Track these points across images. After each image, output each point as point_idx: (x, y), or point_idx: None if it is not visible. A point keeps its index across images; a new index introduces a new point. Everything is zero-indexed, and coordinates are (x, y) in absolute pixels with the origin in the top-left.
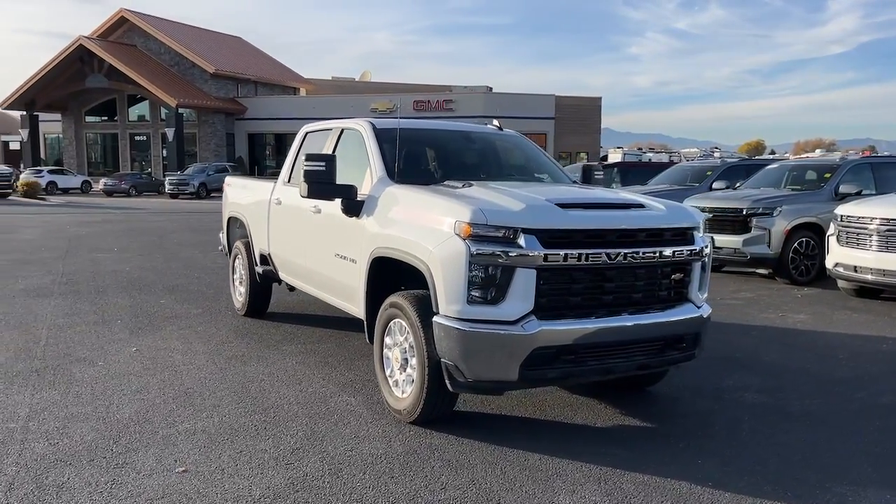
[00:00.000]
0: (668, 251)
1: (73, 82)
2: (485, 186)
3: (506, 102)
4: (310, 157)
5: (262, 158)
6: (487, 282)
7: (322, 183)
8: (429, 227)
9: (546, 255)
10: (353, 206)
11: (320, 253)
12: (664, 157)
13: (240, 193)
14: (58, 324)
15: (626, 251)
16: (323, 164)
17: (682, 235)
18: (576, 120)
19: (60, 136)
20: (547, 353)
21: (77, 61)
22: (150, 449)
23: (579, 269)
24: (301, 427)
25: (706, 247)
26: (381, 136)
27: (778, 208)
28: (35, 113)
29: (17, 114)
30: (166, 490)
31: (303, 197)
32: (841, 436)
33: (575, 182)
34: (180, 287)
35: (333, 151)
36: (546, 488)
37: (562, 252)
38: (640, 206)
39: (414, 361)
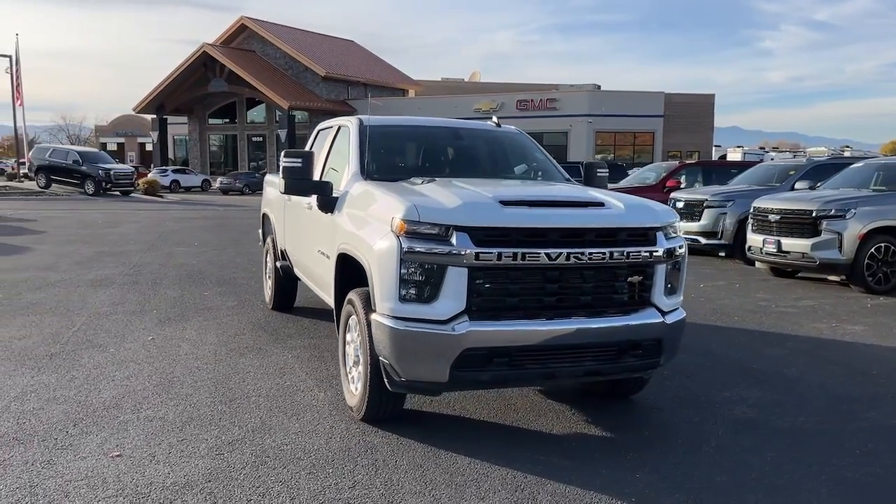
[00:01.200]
0: (621, 252)
1: (198, 87)
2: (445, 183)
3: (611, 100)
4: (288, 154)
5: None
6: (420, 280)
7: (298, 179)
8: (374, 223)
9: (477, 254)
10: (328, 203)
11: (309, 248)
12: (789, 157)
13: (269, 191)
14: (99, 312)
15: (569, 251)
16: (300, 160)
17: (642, 236)
18: (687, 118)
19: (187, 137)
20: (478, 354)
21: (201, 67)
22: (101, 433)
23: (517, 269)
24: (254, 419)
25: (675, 248)
26: (365, 132)
27: (852, 210)
28: (164, 116)
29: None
30: (89, 473)
31: (281, 193)
32: (815, 457)
33: (569, 180)
34: (232, 281)
35: (330, 148)
36: (455, 493)
37: (495, 251)
38: (600, 204)
39: (362, 359)
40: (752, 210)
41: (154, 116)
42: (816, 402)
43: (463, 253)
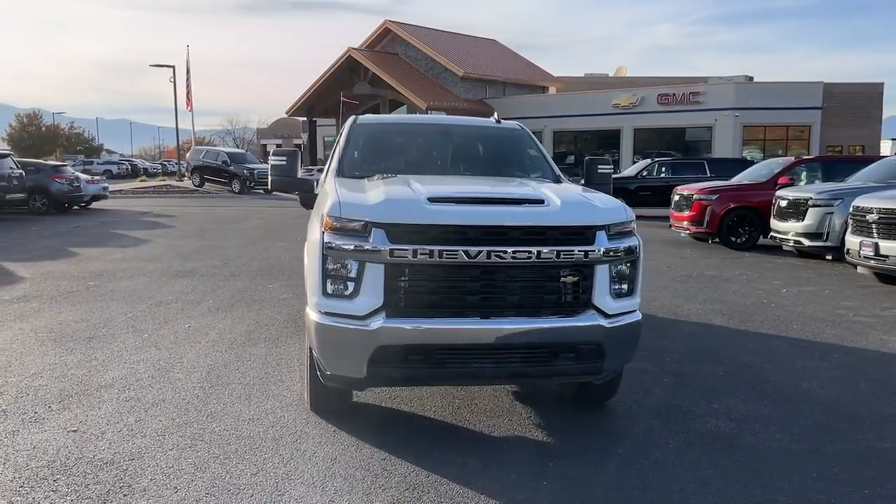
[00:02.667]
0: (550, 251)
1: (343, 90)
2: (396, 181)
3: (762, 92)
4: (276, 153)
5: None
6: (341, 275)
7: (282, 176)
8: (316, 220)
9: (392, 251)
10: (308, 199)
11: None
12: None
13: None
14: (162, 300)
15: (490, 249)
16: (285, 158)
17: (577, 235)
18: (850, 110)
19: (334, 138)
20: (393, 351)
21: (347, 70)
22: (76, 410)
23: (436, 267)
24: (217, 405)
25: (620, 248)
26: (356, 130)
27: None
28: (314, 118)
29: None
30: (38, 444)
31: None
32: (757, 479)
33: (559, 178)
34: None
35: (336, 146)
36: (344, 486)
37: (410, 248)
38: (538, 202)
39: (305, 352)
40: (851, 209)
41: (305, 119)
42: (811, 419)
43: (379, 249)
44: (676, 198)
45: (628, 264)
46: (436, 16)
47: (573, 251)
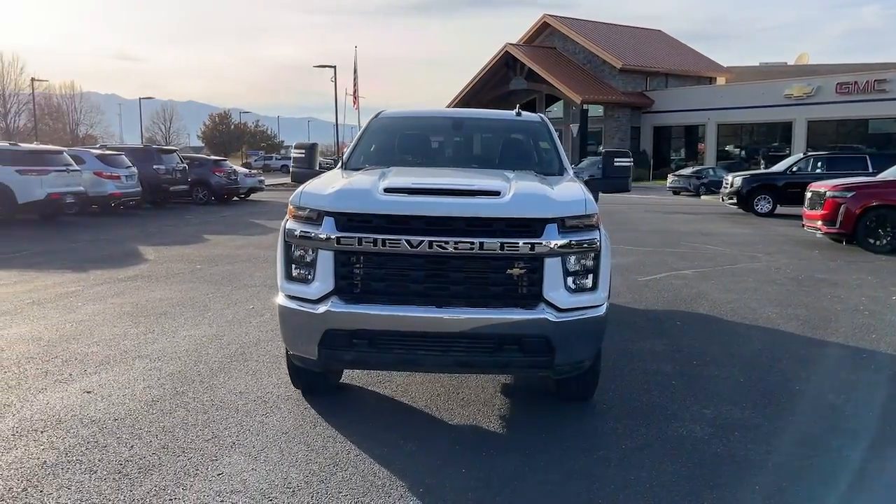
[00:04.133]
0: (493, 243)
1: (500, 86)
2: (378, 173)
3: None
4: (297, 146)
5: (666, 151)
6: (299, 261)
7: (302, 168)
8: None
9: (339, 238)
10: None
11: None
12: None
13: None
14: (247, 284)
15: (432, 239)
16: (304, 151)
17: (524, 228)
18: None
19: None
20: (340, 335)
21: (503, 66)
22: (103, 375)
23: (382, 255)
24: (221, 379)
25: (572, 242)
26: (374, 123)
27: None
28: None
29: None
30: (52, 402)
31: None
32: (696, 485)
33: (564, 172)
34: None
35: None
36: (272, 458)
37: (356, 236)
38: (494, 193)
39: None
40: None
41: None
42: (802, 432)
43: (328, 237)
44: (809, 195)
45: (587, 259)
46: (603, 9)
47: (518, 244)
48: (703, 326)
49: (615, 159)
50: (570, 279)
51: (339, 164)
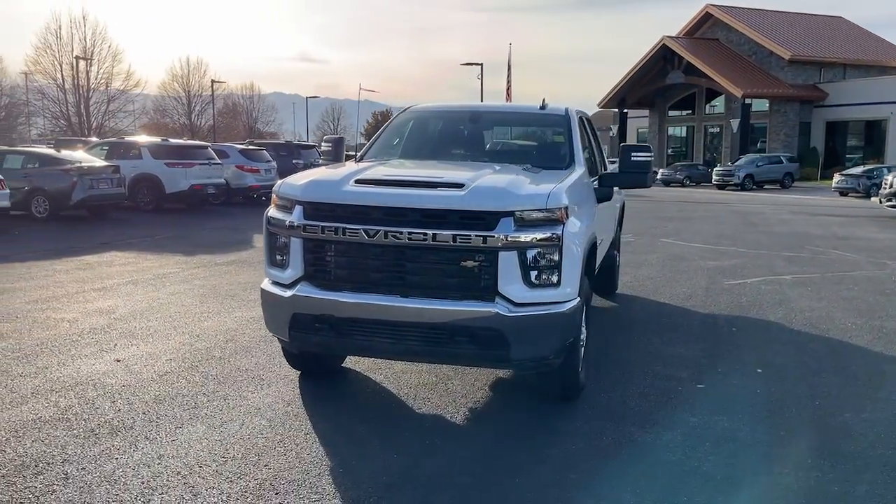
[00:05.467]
0: (446, 235)
1: (656, 80)
2: (375, 166)
3: None
4: (326, 140)
5: (840, 149)
6: (276, 247)
7: (327, 161)
8: None
9: (305, 226)
10: None
11: None
12: None
13: None
14: None
15: (387, 230)
16: (331, 145)
17: (477, 220)
18: None
19: (647, 130)
20: (305, 319)
21: (661, 60)
22: (143, 347)
23: (343, 243)
24: (238, 359)
25: (528, 236)
26: (398, 118)
27: None
28: (625, 110)
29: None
30: (83, 369)
31: None
32: (620, 489)
33: (570, 167)
34: None
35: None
36: (229, 429)
37: (319, 224)
38: (457, 186)
39: None
40: None
41: (616, 110)
42: (786, 452)
43: (296, 224)
44: None
45: (548, 253)
46: None
47: (470, 236)
48: (758, 334)
49: (633, 154)
50: (528, 273)
51: (356, 158)
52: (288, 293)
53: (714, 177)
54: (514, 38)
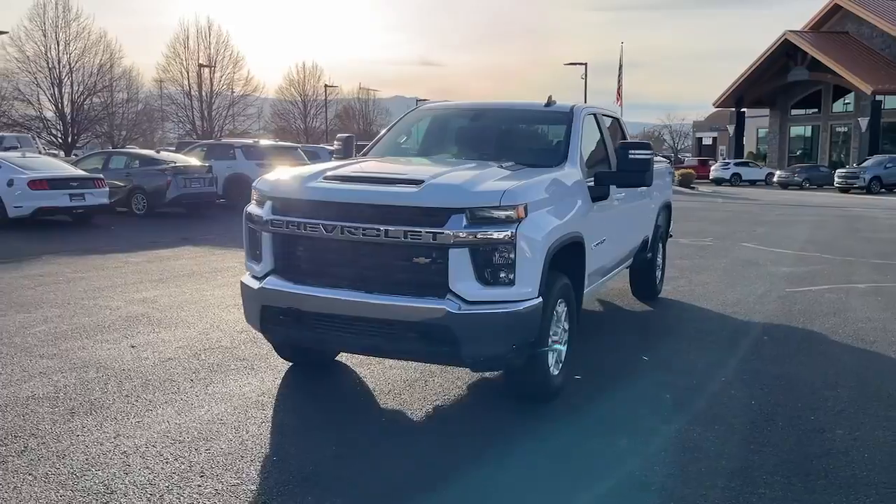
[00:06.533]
0: (397, 231)
1: (777, 77)
2: (363, 160)
3: None
4: (337, 139)
5: None
6: (253, 240)
7: (340, 158)
8: None
9: (272, 221)
10: None
11: None
12: None
13: None
14: None
15: (343, 225)
16: (341, 143)
17: (428, 217)
18: None
19: (768, 129)
20: (272, 311)
21: (782, 56)
22: (163, 334)
23: (304, 238)
24: (240, 350)
25: (480, 233)
26: (407, 116)
27: None
28: (742, 109)
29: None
30: (98, 352)
31: None
32: (520, 488)
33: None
34: None
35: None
36: (200, 415)
37: (284, 219)
38: (414, 182)
39: None
40: None
41: (733, 110)
42: (753, 460)
43: (265, 219)
44: None
45: (502, 251)
46: None
47: (421, 232)
48: (790, 344)
49: (630, 152)
50: (482, 271)
51: (361, 154)
52: (257, 286)
53: (836, 179)
54: (635, 38)
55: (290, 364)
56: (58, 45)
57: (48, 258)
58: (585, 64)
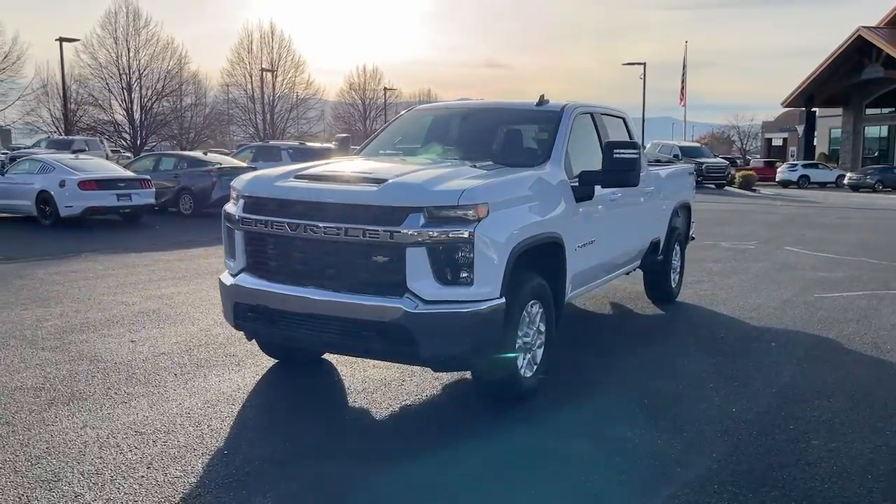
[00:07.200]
0: (357, 230)
1: (850, 75)
2: (341, 159)
3: None
4: (335, 139)
5: None
6: (228, 238)
7: None
8: None
9: (243, 219)
10: None
11: None
12: None
13: None
14: None
15: (305, 223)
16: (336, 143)
17: (385, 216)
18: None
19: (840, 130)
20: (242, 307)
21: (855, 53)
22: (165, 329)
23: (271, 236)
24: (233, 347)
25: (436, 232)
26: (402, 116)
27: None
28: (813, 109)
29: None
30: (98, 345)
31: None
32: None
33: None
34: None
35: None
36: (155, 415)
37: (252, 217)
38: (377, 181)
39: None
40: None
41: (803, 109)
42: (711, 468)
43: (236, 218)
44: None
45: (460, 251)
46: None
47: (378, 231)
48: (797, 352)
49: (615, 151)
50: (441, 270)
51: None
52: (230, 282)
53: None
54: (706, 36)
55: (276, 362)
56: (128, 52)
57: (87, 255)
58: (644, 64)
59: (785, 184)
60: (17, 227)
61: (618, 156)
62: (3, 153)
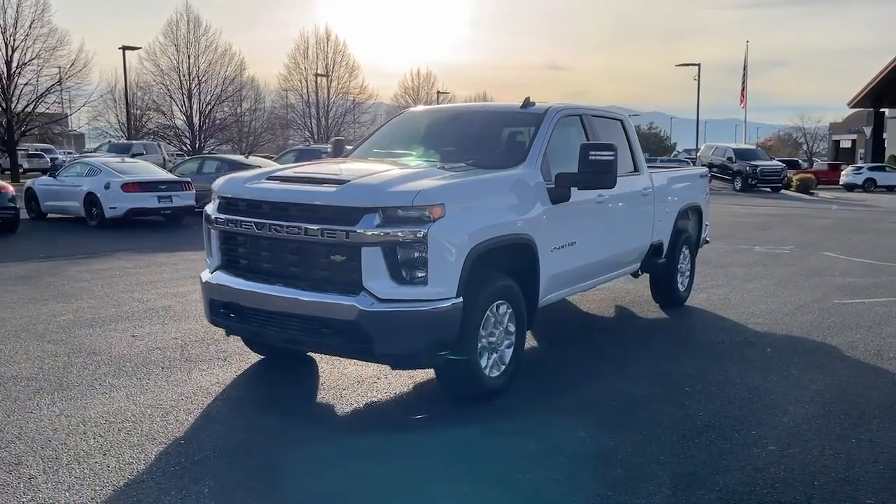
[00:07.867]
0: (316, 229)
1: None
2: (321, 161)
3: None
4: (331, 142)
5: None
6: (207, 237)
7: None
8: None
9: (216, 218)
10: None
11: None
12: None
13: None
14: None
15: (269, 222)
16: (332, 146)
17: (342, 216)
18: None
19: None
20: (217, 304)
21: None
22: (167, 325)
23: (240, 235)
24: (229, 343)
25: (391, 232)
26: (394, 119)
27: None
28: (881, 109)
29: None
30: (98, 340)
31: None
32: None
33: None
34: None
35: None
36: (149, 396)
37: (224, 217)
38: (338, 182)
39: None
40: None
41: (870, 110)
42: (655, 470)
43: (211, 217)
44: None
45: (414, 251)
46: None
47: (336, 231)
48: (792, 358)
49: (591, 153)
50: (397, 270)
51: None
52: (205, 279)
53: None
54: (772, 36)
55: (261, 358)
56: (188, 59)
57: (121, 255)
58: (699, 65)
59: (849, 187)
60: (67, 228)
61: (593, 157)
62: (67, 156)
